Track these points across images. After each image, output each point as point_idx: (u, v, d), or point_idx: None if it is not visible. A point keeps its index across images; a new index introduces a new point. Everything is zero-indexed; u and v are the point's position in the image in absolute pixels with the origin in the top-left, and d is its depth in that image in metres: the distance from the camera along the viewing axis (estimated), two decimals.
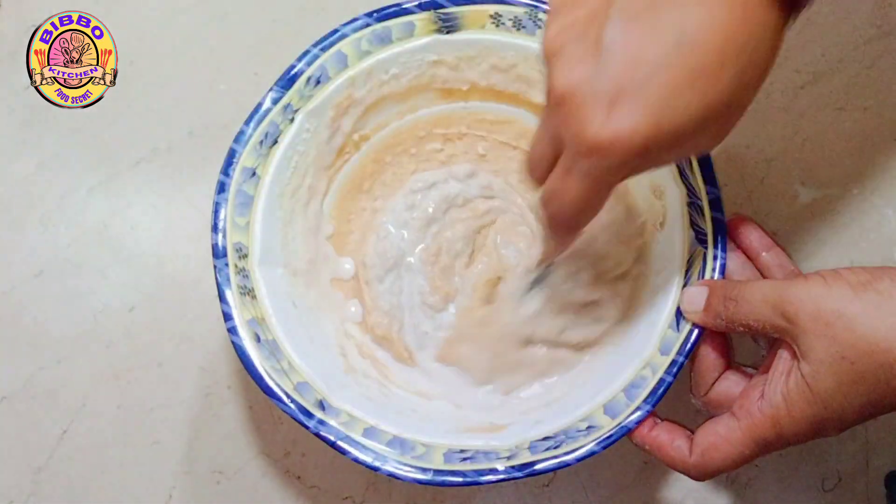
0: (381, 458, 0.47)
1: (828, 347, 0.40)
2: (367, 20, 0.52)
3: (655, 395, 0.48)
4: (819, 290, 0.41)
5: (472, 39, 0.54)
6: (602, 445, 0.47)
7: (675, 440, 0.47)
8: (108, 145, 0.63)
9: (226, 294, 0.49)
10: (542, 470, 0.47)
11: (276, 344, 0.49)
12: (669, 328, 0.49)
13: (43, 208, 0.61)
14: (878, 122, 0.62)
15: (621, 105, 0.37)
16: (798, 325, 0.42)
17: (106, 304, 0.60)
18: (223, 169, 0.50)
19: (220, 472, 0.58)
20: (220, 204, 0.50)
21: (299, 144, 0.53)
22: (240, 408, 0.59)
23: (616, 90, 0.37)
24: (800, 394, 0.42)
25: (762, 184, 0.62)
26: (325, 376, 0.50)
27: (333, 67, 0.52)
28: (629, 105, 0.37)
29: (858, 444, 0.59)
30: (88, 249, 0.61)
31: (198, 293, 0.60)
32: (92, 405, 0.59)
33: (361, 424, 0.49)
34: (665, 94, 0.36)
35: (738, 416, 0.44)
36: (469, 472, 0.47)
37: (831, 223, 0.61)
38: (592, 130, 0.37)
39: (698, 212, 0.50)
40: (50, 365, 0.59)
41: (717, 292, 0.46)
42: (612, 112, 0.37)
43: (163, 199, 0.62)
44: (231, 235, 0.50)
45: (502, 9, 0.53)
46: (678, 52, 0.36)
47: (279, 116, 0.51)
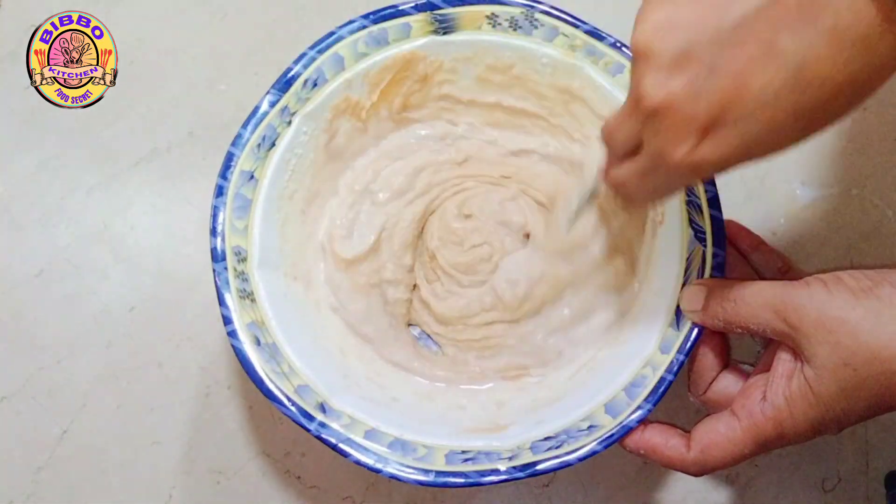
0: (383, 460, 0.47)
1: (831, 353, 0.41)
2: (364, 22, 0.52)
3: (656, 394, 0.48)
4: (821, 296, 0.41)
5: (469, 40, 0.53)
6: (604, 445, 0.48)
7: (670, 440, 0.47)
8: (108, 145, 0.63)
9: (225, 298, 0.49)
10: (544, 470, 0.47)
11: (276, 347, 0.49)
12: (669, 327, 0.49)
13: (43, 208, 0.62)
14: (878, 122, 0.62)
15: (716, 134, 0.35)
16: (800, 330, 0.42)
17: (106, 304, 0.60)
18: (221, 172, 0.50)
19: (220, 472, 0.58)
20: (219, 207, 0.50)
21: (297, 147, 0.53)
22: (240, 408, 0.59)
23: (714, 117, 0.35)
24: (802, 397, 0.42)
25: (762, 184, 0.62)
26: (326, 379, 0.50)
27: (330, 70, 0.52)
28: (724, 136, 0.35)
29: (858, 444, 0.59)
30: (88, 249, 0.61)
31: (198, 293, 0.60)
32: (92, 405, 0.59)
33: (362, 426, 0.49)
34: (765, 131, 0.34)
35: (740, 416, 0.44)
36: (471, 473, 0.47)
37: (831, 223, 0.61)
38: (680, 154, 0.36)
39: (697, 210, 0.50)
40: (50, 365, 0.59)
41: (716, 293, 0.46)
42: (706, 139, 0.35)
43: (163, 199, 0.62)
44: (230, 239, 0.50)
45: (498, 9, 0.53)
46: (792, 87, 0.33)
47: (276, 119, 0.51)
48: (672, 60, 0.36)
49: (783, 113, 0.34)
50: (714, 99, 0.34)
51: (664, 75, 0.36)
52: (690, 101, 0.35)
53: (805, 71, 0.33)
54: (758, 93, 0.33)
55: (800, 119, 0.34)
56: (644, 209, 0.53)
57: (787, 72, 0.33)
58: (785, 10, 0.33)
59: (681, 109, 0.35)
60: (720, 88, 0.34)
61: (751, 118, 0.34)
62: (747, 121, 0.34)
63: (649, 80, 0.36)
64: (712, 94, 0.34)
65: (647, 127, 0.38)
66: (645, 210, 0.53)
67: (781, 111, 0.34)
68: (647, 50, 0.36)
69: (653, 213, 0.54)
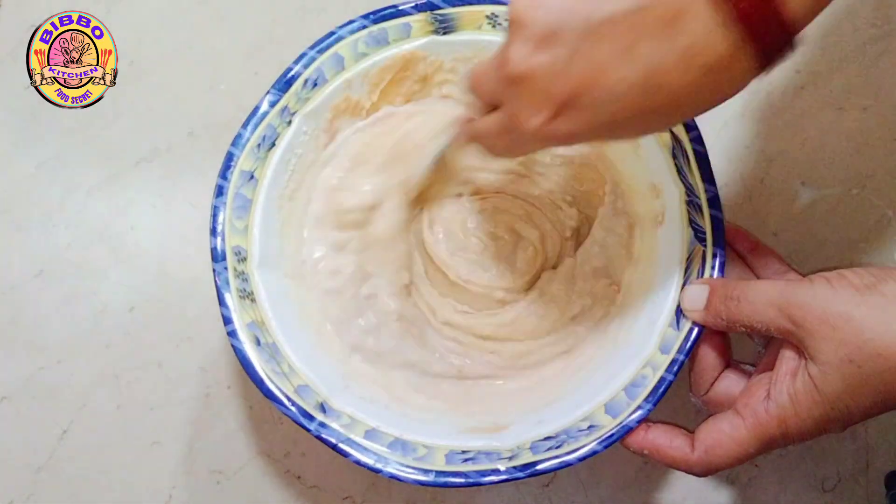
0: (383, 460, 0.47)
1: (835, 350, 0.41)
2: (364, 22, 0.52)
3: (656, 394, 0.48)
4: (825, 293, 0.42)
5: (469, 40, 0.53)
6: (604, 445, 0.48)
7: (674, 440, 0.47)
8: (108, 145, 0.63)
9: (225, 298, 0.49)
10: (544, 470, 0.47)
11: (277, 347, 0.49)
12: (669, 327, 0.49)
13: (43, 208, 0.61)
14: (878, 122, 0.62)
15: (568, 112, 0.38)
16: (804, 328, 0.42)
17: (106, 304, 0.60)
18: (221, 172, 0.50)
19: (220, 472, 0.58)
20: (219, 208, 0.50)
21: (297, 147, 0.53)
22: (240, 408, 0.59)
23: (568, 98, 0.37)
24: (807, 395, 0.42)
25: (762, 184, 0.62)
26: (326, 379, 0.50)
27: (330, 70, 0.52)
28: (575, 116, 0.38)
29: (858, 444, 0.59)
30: (88, 249, 0.61)
31: (198, 293, 0.60)
32: (92, 405, 0.59)
33: (362, 426, 0.49)
34: (611, 120, 0.38)
35: (743, 415, 0.44)
36: (471, 473, 0.47)
37: (831, 223, 0.61)
38: (533, 124, 0.39)
39: (697, 210, 0.50)
40: (50, 365, 0.59)
41: (718, 291, 0.47)
42: (558, 116, 0.38)
43: (163, 199, 0.62)
44: (230, 239, 0.50)
45: (498, 9, 0.53)
46: (641, 89, 0.36)
47: (276, 119, 0.51)
48: (541, 35, 0.37)
49: (629, 109, 0.37)
50: (571, 82, 0.37)
51: (531, 47, 0.38)
52: (549, 78, 0.37)
53: (654, 78, 0.36)
54: (610, 86, 0.36)
55: (643, 117, 0.38)
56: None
57: (639, 75, 0.36)
58: (651, 19, 0.35)
59: (539, 83, 0.38)
60: (578, 74, 0.37)
61: (600, 107, 0.37)
62: (597, 108, 0.37)
63: (516, 48, 0.38)
64: (570, 78, 0.37)
65: (507, 89, 0.40)
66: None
67: (628, 107, 0.37)
68: (522, 18, 0.38)
69: (651, 216, 0.54)
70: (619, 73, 0.36)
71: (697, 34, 0.35)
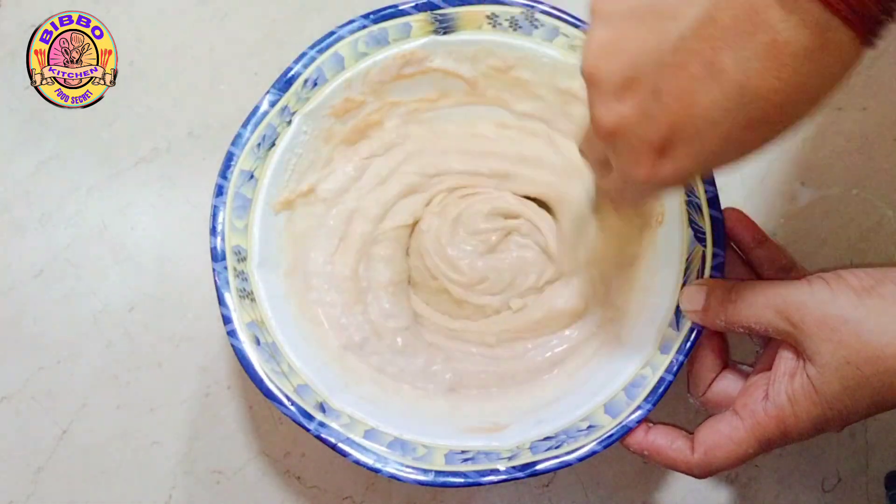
0: (382, 460, 0.47)
1: (834, 351, 0.41)
2: (364, 22, 0.52)
3: (656, 395, 0.48)
4: (824, 294, 0.42)
5: (469, 40, 0.53)
6: (603, 445, 0.48)
7: (674, 441, 0.47)
8: (108, 145, 0.63)
9: (225, 297, 0.49)
10: (544, 470, 0.47)
11: (276, 347, 0.49)
12: (669, 327, 0.49)
13: (43, 208, 0.61)
14: (878, 122, 0.62)
15: (672, 152, 0.35)
16: (803, 329, 0.42)
17: (106, 304, 0.60)
18: (221, 172, 0.50)
19: (220, 472, 0.58)
20: (219, 207, 0.50)
21: (297, 147, 0.53)
22: (240, 408, 0.59)
23: (666, 138, 0.35)
24: (805, 395, 0.42)
25: (762, 184, 0.62)
26: (326, 378, 0.50)
27: (330, 69, 0.52)
28: (680, 154, 0.35)
29: (858, 444, 0.59)
30: (88, 249, 0.61)
31: (198, 293, 0.60)
32: (92, 405, 0.59)
33: (362, 426, 0.49)
34: (718, 145, 0.34)
35: (742, 416, 0.45)
36: (470, 473, 0.47)
37: (831, 223, 0.61)
38: (641, 173, 0.36)
39: (697, 210, 0.50)
40: (50, 365, 0.59)
41: (717, 292, 0.47)
42: (663, 158, 0.36)
43: (163, 199, 0.62)
44: (230, 238, 0.50)
45: (498, 9, 0.53)
46: (738, 103, 0.33)
47: (276, 119, 0.51)
48: (618, 85, 0.35)
49: (733, 128, 0.34)
50: (663, 121, 0.34)
51: (612, 100, 0.36)
52: (641, 124, 0.35)
53: (748, 87, 0.32)
54: (704, 112, 0.33)
55: (752, 131, 0.34)
56: (634, 212, 0.54)
57: (731, 89, 0.33)
58: (722, 28, 0.32)
59: (633, 133, 0.36)
60: (667, 111, 0.34)
61: (702, 136, 0.34)
62: (699, 139, 0.34)
63: (599, 106, 0.36)
64: (661, 117, 0.34)
65: (608, 149, 0.38)
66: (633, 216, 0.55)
67: (731, 127, 0.34)
68: (594, 76, 0.36)
69: (649, 217, 0.54)
70: (710, 95, 0.33)
71: (777, 24, 0.31)
